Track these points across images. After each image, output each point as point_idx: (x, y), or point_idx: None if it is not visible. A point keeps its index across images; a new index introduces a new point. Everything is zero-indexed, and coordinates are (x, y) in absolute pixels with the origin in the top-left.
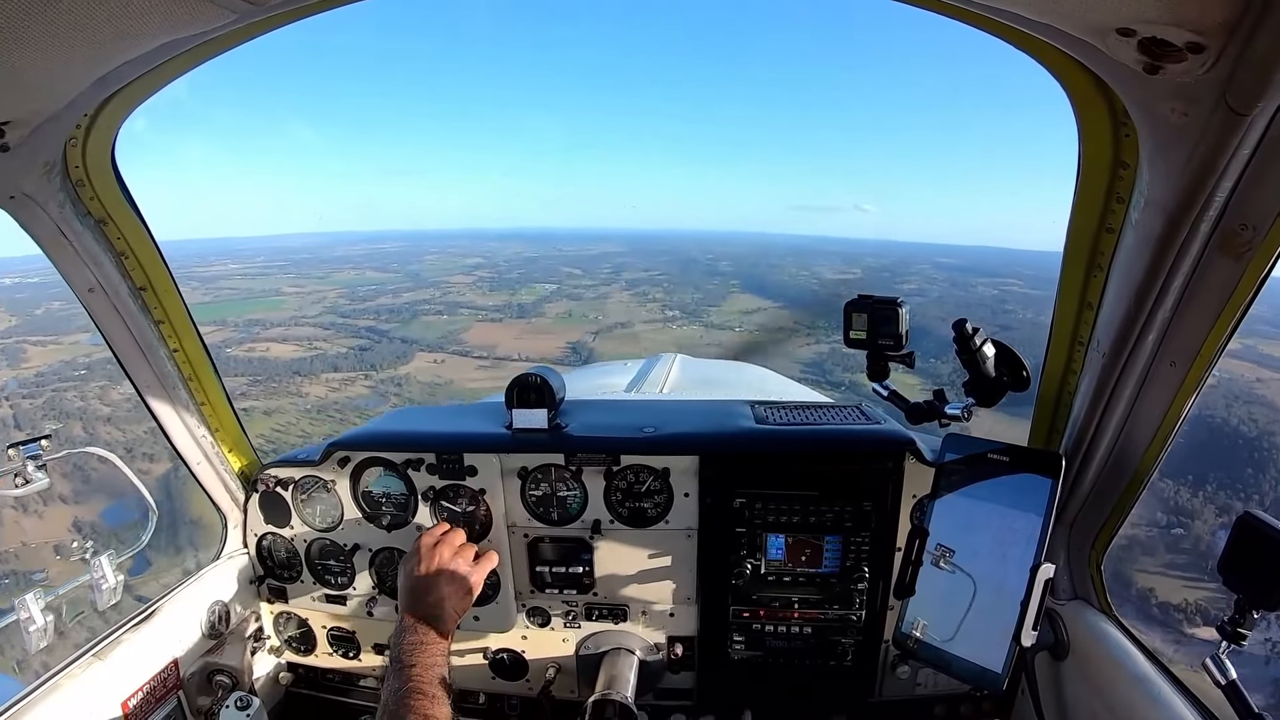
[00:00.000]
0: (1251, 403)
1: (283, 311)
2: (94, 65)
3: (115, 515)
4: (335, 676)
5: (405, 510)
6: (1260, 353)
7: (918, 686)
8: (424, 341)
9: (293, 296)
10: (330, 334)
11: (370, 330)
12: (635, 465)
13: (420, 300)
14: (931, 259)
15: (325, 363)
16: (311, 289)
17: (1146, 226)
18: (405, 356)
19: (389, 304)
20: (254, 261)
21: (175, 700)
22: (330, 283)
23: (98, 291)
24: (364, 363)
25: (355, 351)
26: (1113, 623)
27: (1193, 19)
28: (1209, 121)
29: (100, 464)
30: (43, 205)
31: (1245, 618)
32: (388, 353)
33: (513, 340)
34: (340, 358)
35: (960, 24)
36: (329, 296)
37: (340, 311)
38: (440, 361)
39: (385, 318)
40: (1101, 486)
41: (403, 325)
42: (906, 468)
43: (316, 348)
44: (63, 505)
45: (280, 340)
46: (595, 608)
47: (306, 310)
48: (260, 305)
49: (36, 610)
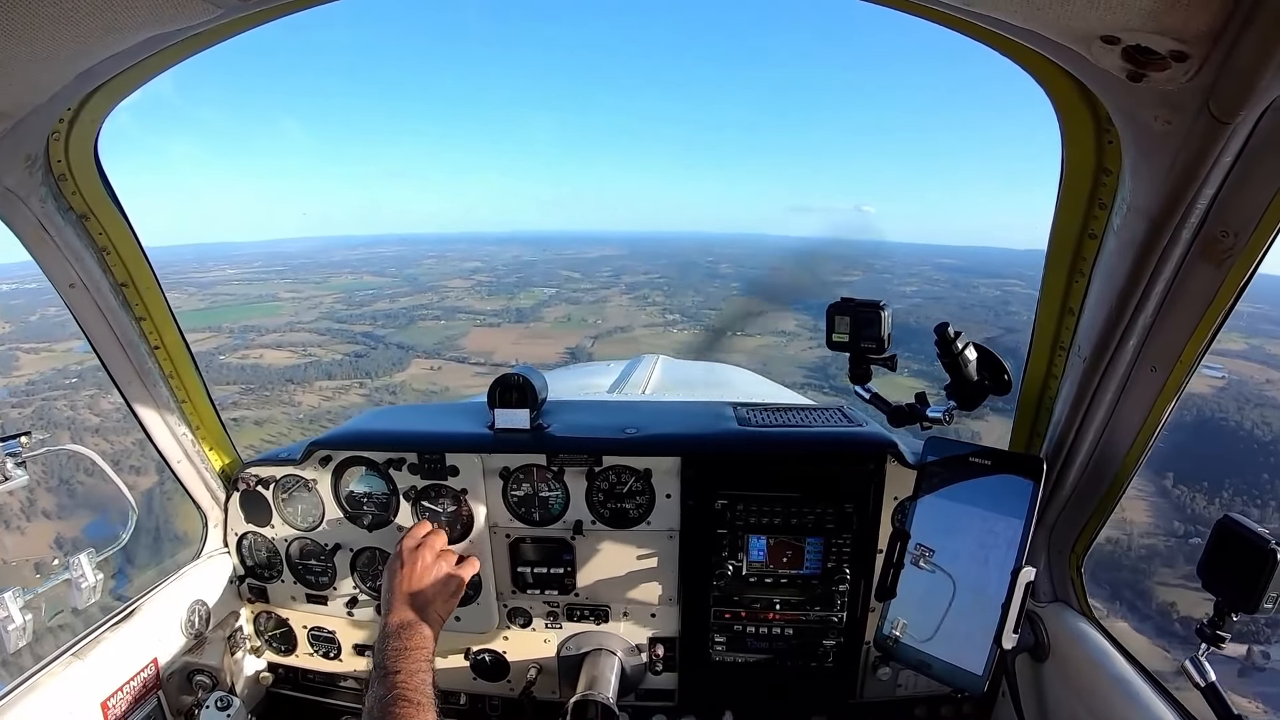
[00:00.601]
0: (1263, 405)
1: (279, 317)
2: (78, 58)
3: (97, 530)
4: (316, 677)
5: (387, 510)
6: (1267, 353)
7: (898, 688)
8: (421, 347)
9: (289, 302)
10: (326, 339)
11: (366, 336)
12: (617, 466)
13: (418, 305)
14: (932, 260)
15: (319, 370)
16: (308, 294)
17: (1129, 232)
18: (401, 363)
19: (386, 309)
20: (251, 266)
21: (155, 700)
22: (327, 287)
23: (79, 287)
24: (359, 370)
25: (350, 358)
26: (1093, 625)
27: (1176, 27)
28: (1192, 129)
29: (87, 475)
30: (24, 200)
31: (1224, 620)
32: (383, 359)
33: (511, 346)
34: (335, 365)
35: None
36: (325, 302)
37: (336, 317)
38: (437, 368)
39: (382, 323)
40: (1082, 490)
41: (399, 331)
42: (888, 470)
43: (311, 354)
44: (46, 521)
45: (275, 346)
46: (577, 608)
47: (302, 316)
48: (256, 311)
49: (15, 609)
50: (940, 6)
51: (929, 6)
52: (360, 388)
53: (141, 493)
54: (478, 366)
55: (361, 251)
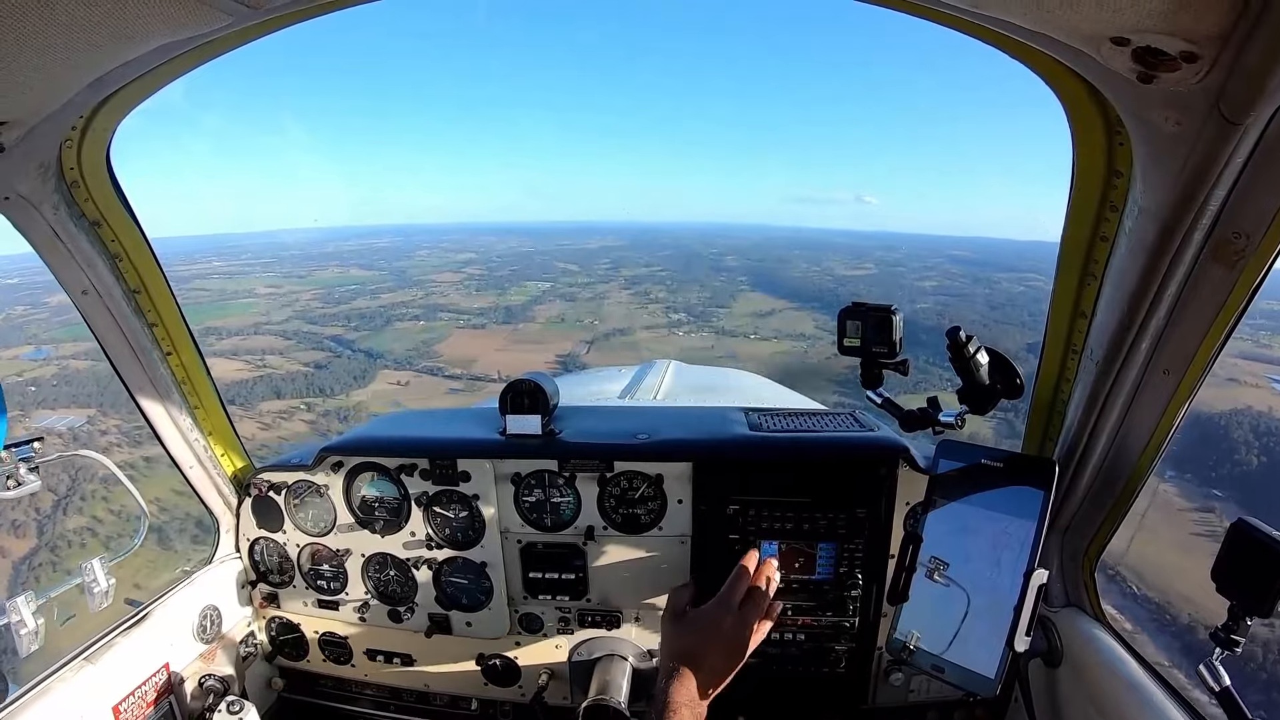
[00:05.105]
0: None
1: (247, 317)
2: (91, 66)
3: None
4: (328, 682)
5: (398, 516)
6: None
7: (911, 694)
8: (390, 356)
9: (264, 299)
10: (289, 345)
11: (335, 341)
12: (629, 472)
13: (398, 303)
14: (943, 251)
15: (268, 386)
16: (287, 289)
17: (1140, 235)
18: (364, 376)
19: (364, 307)
20: (238, 260)
21: (167, 705)
22: (309, 282)
23: (91, 294)
24: (313, 387)
25: (310, 370)
26: (1106, 629)
27: (1186, 28)
28: (1202, 130)
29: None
30: (37, 207)
31: (1239, 625)
32: (345, 371)
33: (494, 353)
34: (287, 380)
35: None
36: (303, 299)
37: (309, 317)
38: (404, 383)
39: (355, 325)
40: (1095, 494)
41: (373, 334)
42: (900, 475)
43: (266, 365)
44: None
45: (230, 354)
46: (588, 614)
47: (273, 315)
48: (227, 310)
49: (28, 613)
50: (948, 9)
51: (936, 9)
52: (307, 411)
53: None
54: (452, 381)
55: (356, 243)
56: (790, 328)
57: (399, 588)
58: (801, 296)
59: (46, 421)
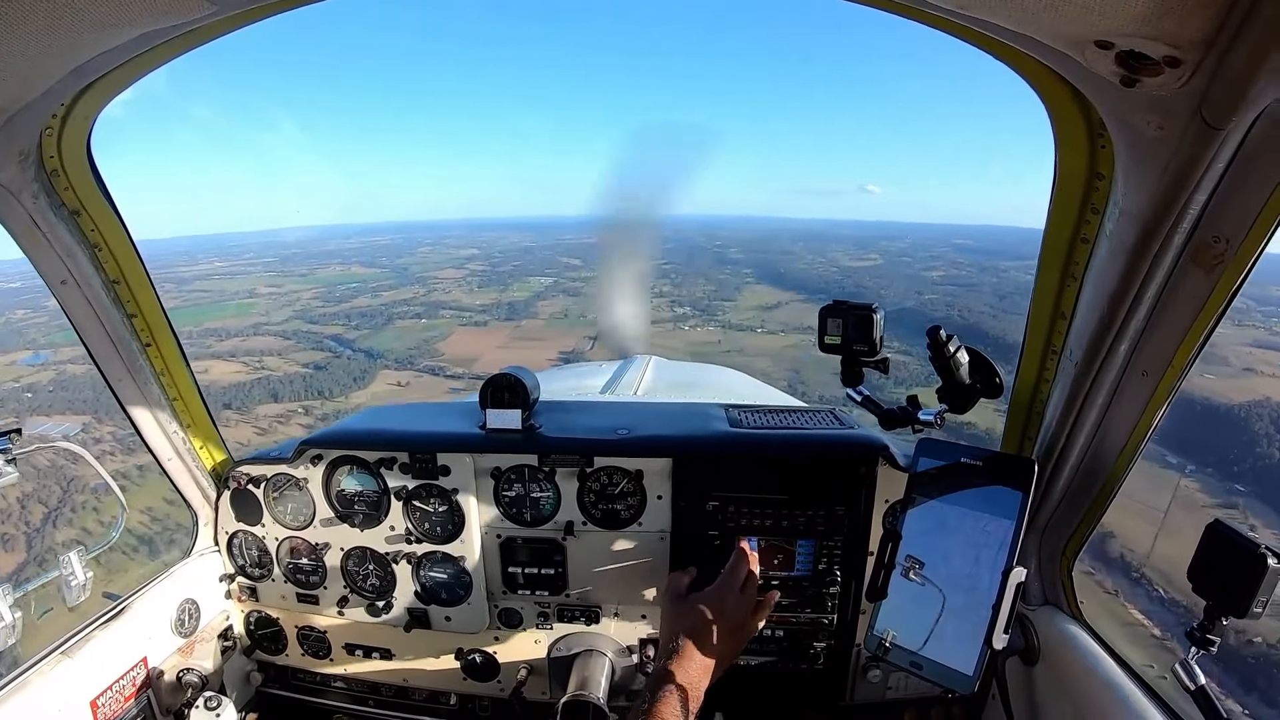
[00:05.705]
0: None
1: (248, 317)
2: (72, 54)
3: None
4: (306, 677)
5: (378, 510)
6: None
7: (889, 690)
8: (391, 356)
9: (265, 298)
10: (288, 346)
11: (335, 340)
12: (608, 467)
13: (399, 301)
14: (948, 240)
15: (265, 389)
16: (288, 289)
17: (1121, 237)
18: (364, 377)
19: (364, 306)
20: (240, 259)
21: (145, 699)
22: (310, 281)
23: (70, 284)
24: (311, 388)
25: (309, 371)
26: (1083, 628)
27: (1170, 33)
28: (1184, 135)
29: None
30: (16, 195)
31: (1214, 624)
32: (345, 372)
33: (496, 350)
34: (285, 382)
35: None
36: (303, 298)
37: (309, 316)
38: (404, 384)
39: (356, 323)
40: (1073, 493)
41: (373, 333)
42: (879, 472)
43: (264, 367)
44: None
45: (228, 356)
46: (568, 609)
47: (273, 315)
48: (227, 310)
49: (4, 607)
50: (933, 10)
51: (921, 9)
52: (305, 415)
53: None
54: (453, 380)
55: (357, 241)
56: (798, 320)
57: (378, 582)
58: (808, 288)
59: (41, 429)
